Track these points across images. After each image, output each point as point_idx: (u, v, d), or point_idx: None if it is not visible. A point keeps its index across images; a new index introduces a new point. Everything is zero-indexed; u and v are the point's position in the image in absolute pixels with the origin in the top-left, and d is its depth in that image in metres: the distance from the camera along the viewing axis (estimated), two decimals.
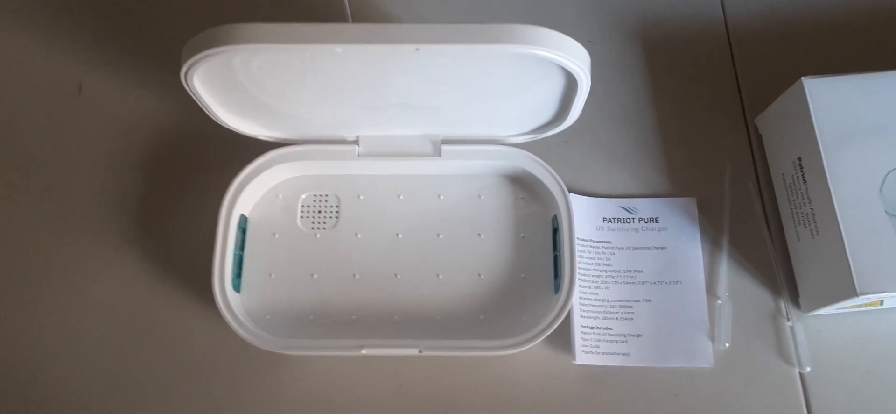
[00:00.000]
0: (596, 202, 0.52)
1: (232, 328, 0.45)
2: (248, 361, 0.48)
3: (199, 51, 0.38)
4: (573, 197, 0.52)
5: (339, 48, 0.37)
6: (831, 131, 0.46)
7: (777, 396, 0.47)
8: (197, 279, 0.49)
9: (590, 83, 0.42)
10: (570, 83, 0.43)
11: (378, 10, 0.59)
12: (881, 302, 0.47)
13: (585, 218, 0.52)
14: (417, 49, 0.37)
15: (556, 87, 0.44)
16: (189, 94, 0.43)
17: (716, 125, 0.55)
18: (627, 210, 0.52)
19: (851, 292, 0.43)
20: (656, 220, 0.52)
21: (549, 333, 0.46)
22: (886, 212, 0.44)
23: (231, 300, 0.46)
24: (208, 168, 0.52)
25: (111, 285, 0.50)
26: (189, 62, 0.39)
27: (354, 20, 0.55)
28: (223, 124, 0.47)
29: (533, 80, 0.44)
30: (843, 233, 0.44)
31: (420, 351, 0.45)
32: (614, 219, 0.52)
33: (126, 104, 0.56)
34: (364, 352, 0.45)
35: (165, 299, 0.50)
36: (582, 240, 0.51)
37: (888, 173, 0.45)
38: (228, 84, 0.43)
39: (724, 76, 0.56)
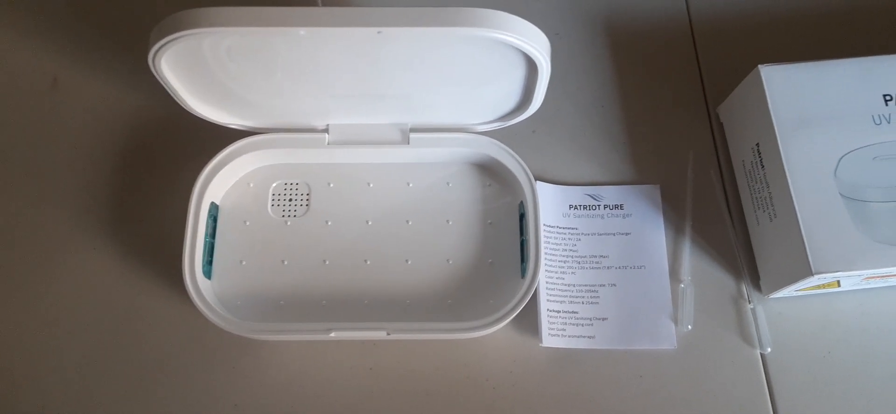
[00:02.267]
0: (563, 190, 0.53)
1: (202, 313, 0.46)
2: (219, 346, 0.49)
3: (166, 35, 0.39)
4: (540, 185, 0.53)
5: (302, 31, 0.38)
6: (787, 117, 0.47)
7: (739, 377, 0.48)
8: (169, 266, 0.50)
9: (550, 68, 0.43)
10: (532, 69, 0.44)
11: None
12: (838, 283, 0.48)
13: (552, 205, 0.53)
14: (379, 31, 0.38)
15: (518, 73, 0.45)
16: (158, 81, 0.44)
17: (679, 114, 0.56)
18: (593, 197, 0.53)
19: (807, 272, 0.44)
20: (621, 207, 0.53)
21: (514, 315, 0.46)
22: (841, 194, 0.46)
23: (202, 286, 0.47)
24: (180, 157, 0.53)
25: (83, 274, 0.51)
26: (156, 46, 0.39)
27: (325, 4, 0.56)
28: (193, 112, 0.48)
29: (496, 66, 0.45)
30: (799, 215, 0.45)
31: (388, 334, 0.46)
32: (580, 206, 0.53)
33: (100, 96, 0.56)
34: (332, 335, 0.46)
35: (138, 287, 0.50)
36: (549, 226, 0.52)
37: (842, 157, 0.47)
38: (197, 70, 0.44)
39: (688, 67, 0.58)
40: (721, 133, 0.55)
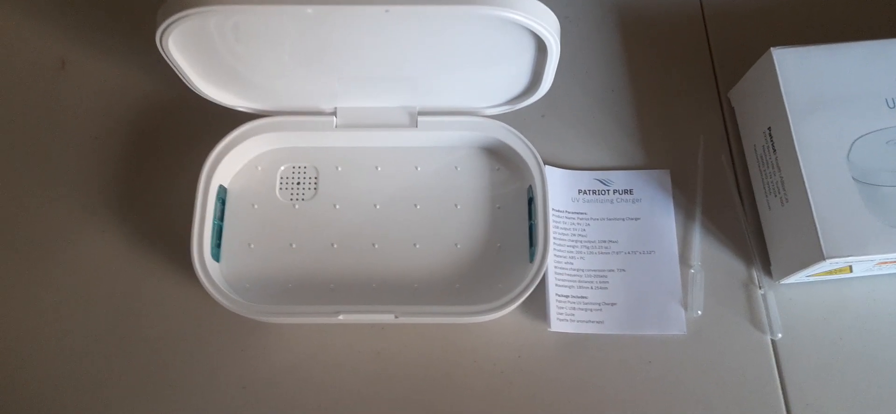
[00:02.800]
0: (572, 174, 0.53)
1: (210, 295, 0.46)
2: (227, 328, 0.49)
3: (173, 13, 0.38)
4: (550, 169, 0.52)
5: (310, 9, 0.38)
6: (799, 100, 0.47)
7: (749, 363, 0.48)
8: (178, 249, 0.50)
9: (559, 49, 0.42)
10: (541, 50, 0.43)
11: None
12: (850, 269, 0.47)
13: (561, 190, 0.52)
14: (387, 10, 0.38)
15: (527, 54, 0.45)
16: (167, 63, 0.44)
17: (690, 99, 0.55)
18: (602, 182, 0.53)
19: (819, 257, 0.44)
20: (631, 191, 0.53)
21: (522, 299, 0.46)
22: (854, 178, 0.45)
23: (210, 269, 0.47)
24: (189, 140, 0.53)
25: (92, 256, 0.51)
26: (163, 25, 0.39)
27: None
28: (201, 94, 0.48)
29: (505, 47, 0.44)
30: (811, 199, 0.45)
31: (396, 317, 0.46)
32: (590, 191, 0.53)
33: (109, 78, 0.56)
34: (341, 318, 0.46)
35: (147, 269, 0.50)
36: (558, 211, 0.52)
37: (855, 140, 0.46)
38: (205, 51, 0.44)
39: (699, 50, 0.57)
40: (732, 117, 0.55)
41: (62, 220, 0.52)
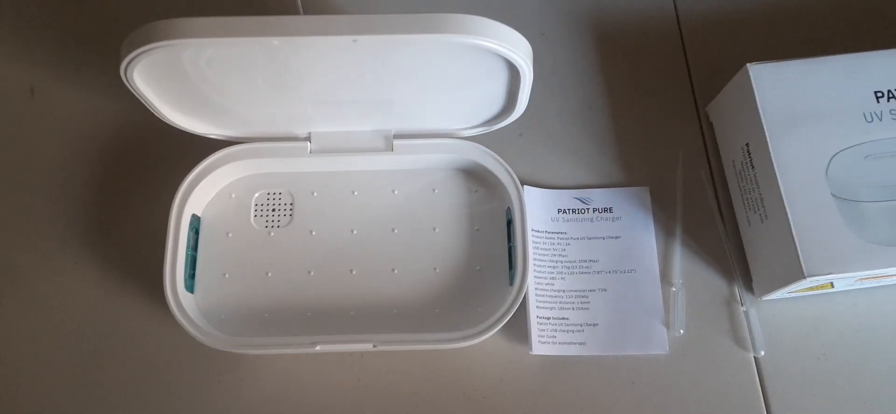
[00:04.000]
0: (551, 194, 0.53)
1: (182, 326, 0.45)
2: (202, 360, 0.48)
3: (136, 47, 0.38)
4: (528, 189, 0.52)
5: (275, 41, 0.37)
6: (777, 116, 0.47)
7: (732, 380, 0.48)
8: (151, 280, 0.49)
9: (532, 73, 0.42)
10: (514, 73, 0.43)
11: (332, 5, 0.59)
12: (832, 285, 0.47)
13: (541, 210, 0.52)
14: (355, 40, 0.37)
15: (501, 78, 0.44)
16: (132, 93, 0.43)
17: (668, 115, 0.55)
18: (582, 201, 0.52)
19: (799, 275, 0.43)
20: (610, 210, 0.52)
21: (503, 324, 0.46)
22: (833, 194, 0.45)
23: (183, 301, 0.46)
24: (161, 168, 0.52)
25: (64, 287, 0.50)
26: (127, 58, 0.38)
27: (307, 13, 0.55)
28: (170, 123, 0.47)
29: (478, 71, 0.44)
30: (790, 216, 0.44)
31: (374, 346, 0.45)
32: (569, 210, 0.52)
33: (78, 106, 0.55)
34: (318, 348, 0.45)
35: (120, 301, 0.49)
36: (537, 231, 0.51)
37: (834, 156, 0.46)
38: (172, 81, 0.43)
39: (676, 66, 0.57)
40: (711, 133, 0.54)
41: (31, 250, 0.51)
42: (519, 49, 0.40)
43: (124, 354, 0.48)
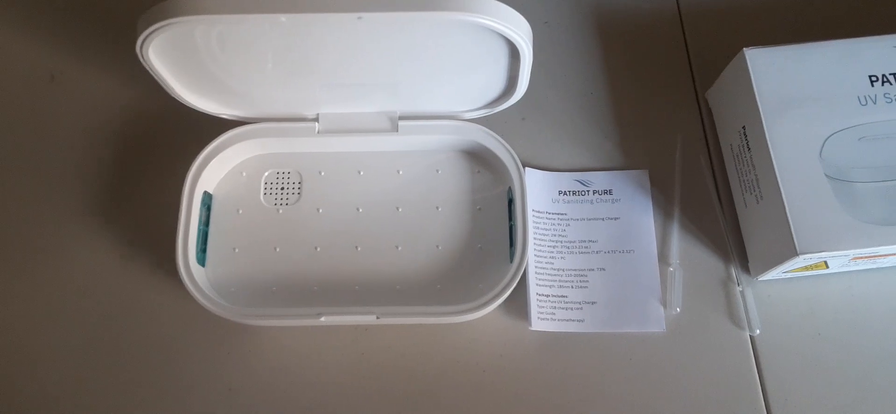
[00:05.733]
0: (552, 176, 0.54)
1: (195, 299, 0.47)
2: (212, 331, 0.49)
3: (151, 24, 0.39)
4: (530, 171, 0.53)
5: (283, 17, 0.39)
6: (772, 99, 0.48)
7: (728, 359, 0.49)
8: (165, 254, 0.51)
9: (532, 54, 0.43)
10: (515, 55, 0.44)
11: None
12: (826, 265, 0.48)
13: (542, 191, 0.53)
14: (360, 17, 0.39)
15: (502, 59, 0.46)
16: (149, 73, 0.45)
17: (668, 99, 0.56)
18: (582, 183, 0.54)
19: (792, 252, 0.44)
20: (610, 192, 0.53)
21: (502, 300, 0.47)
22: (826, 175, 0.46)
23: (195, 273, 0.47)
24: (175, 147, 0.54)
25: (81, 262, 0.52)
26: (142, 36, 0.40)
27: None
28: (184, 102, 0.49)
29: (480, 52, 0.45)
30: (784, 196, 0.45)
31: (377, 318, 0.47)
32: (570, 191, 0.53)
33: (97, 89, 0.57)
34: (323, 319, 0.46)
35: (134, 275, 0.51)
36: (538, 212, 0.53)
37: (828, 138, 0.47)
38: (186, 59, 0.45)
39: (676, 51, 0.58)
40: (709, 117, 0.55)
41: (50, 227, 0.53)
42: (519, 29, 0.41)
43: (137, 325, 0.50)
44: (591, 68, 0.58)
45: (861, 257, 0.47)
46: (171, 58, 0.45)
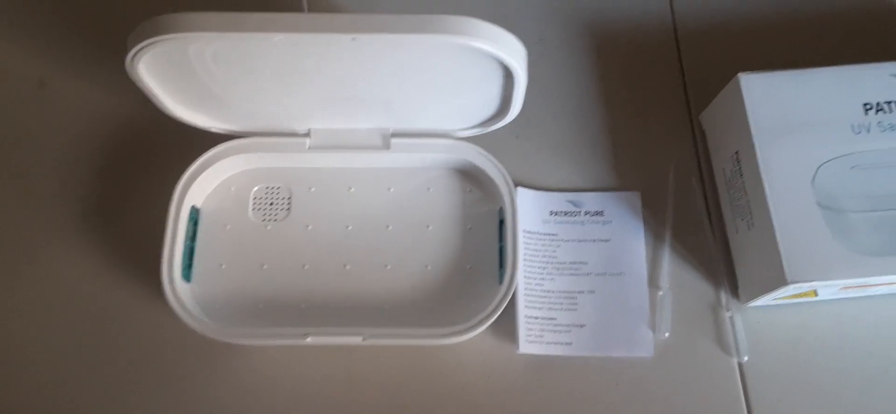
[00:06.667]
0: (544, 196, 0.54)
1: (179, 317, 0.46)
2: (196, 349, 0.49)
3: (141, 40, 0.39)
4: (522, 191, 0.53)
5: (277, 37, 0.38)
6: (766, 125, 0.47)
7: (715, 385, 0.48)
8: (150, 270, 0.50)
9: (526, 76, 0.43)
10: (509, 76, 0.44)
11: (335, 5, 0.60)
12: (816, 293, 0.48)
13: (533, 211, 0.53)
14: (354, 38, 0.38)
15: (496, 80, 0.45)
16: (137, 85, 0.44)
17: (662, 122, 0.56)
18: (574, 203, 0.53)
19: (782, 281, 0.44)
20: (601, 213, 0.53)
21: (490, 322, 0.47)
22: (818, 203, 0.46)
23: (180, 290, 0.47)
24: (164, 160, 0.53)
25: (64, 276, 0.51)
26: (133, 51, 0.40)
27: (311, 11, 0.56)
28: (173, 115, 0.48)
29: (474, 73, 0.45)
30: (775, 224, 0.45)
31: (364, 339, 0.46)
32: (561, 212, 0.53)
33: (86, 98, 0.57)
34: (309, 340, 0.46)
35: (119, 289, 0.51)
36: (529, 232, 0.52)
37: (820, 166, 0.47)
38: (176, 74, 0.44)
39: (671, 74, 0.58)
40: (703, 140, 0.55)
41: (35, 238, 0.52)
42: (513, 52, 0.41)
43: (121, 340, 0.49)
44: (585, 87, 0.57)
45: (851, 286, 0.47)
46: (160, 72, 0.44)
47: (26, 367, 0.49)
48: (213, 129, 0.51)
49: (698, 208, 0.53)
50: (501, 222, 0.50)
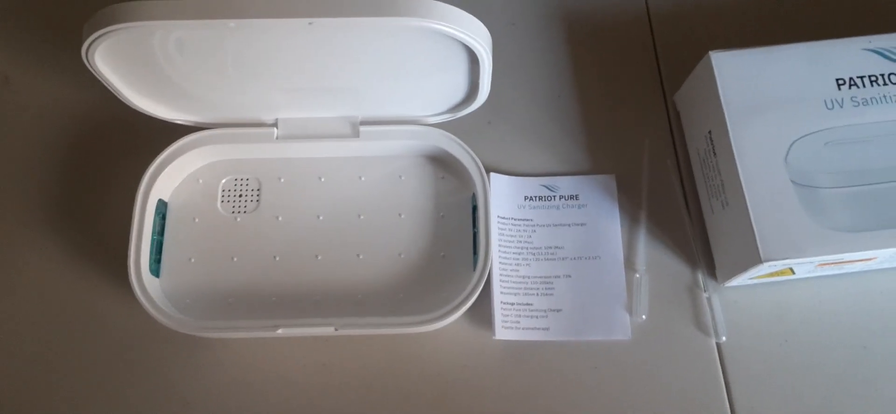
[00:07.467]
0: (518, 181, 0.53)
1: (147, 312, 0.45)
2: (167, 344, 0.48)
3: (95, 30, 0.38)
4: (495, 176, 0.52)
5: (232, 23, 0.37)
6: (738, 103, 0.47)
7: (694, 366, 0.48)
8: (117, 265, 0.49)
9: (491, 60, 0.42)
10: (475, 60, 0.43)
11: None
12: (792, 271, 0.47)
13: (507, 197, 0.52)
14: (311, 23, 0.37)
15: (462, 64, 0.44)
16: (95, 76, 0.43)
17: (636, 104, 0.55)
18: (548, 188, 0.53)
19: (757, 259, 0.44)
20: (576, 197, 0.52)
21: (464, 309, 0.46)
22: (792, 181, 0.45)
23: (148, 284, 0.46)
24: (129, 154, 0.52)
25: (30, 272, 0.50)
26: (87, 41, 0.39)
27: None
28: (136, 107, 0.47)
29: (439, 57, 0.44)
30: (748, 202, 0.45)
31: (336, 329, 0.45)
32: (535, 197, 0.53)
33: (52, 93, 0.56)
34: (280, 332, 0.45)
35: (86, 285, 0.50)
36: (503, 218, 0.52)
37: (793, 143, 0.46)
38: (135, 64, 0.43)
39: (645, 55, 0.57)
40: (677, 121, 0.55)
41: (1, 235, 0.51)
42: (477, 35, 0.40)
43: (90, 336, 0.49)
44: (558, 71, 0.57)
45: (827, 263, 0.46)
46: (119, 63, 0.43)
47: None
48: (179, 121, 0.50)
49: (674, 190, 0.52)
50: (474, 208, 0.50)
